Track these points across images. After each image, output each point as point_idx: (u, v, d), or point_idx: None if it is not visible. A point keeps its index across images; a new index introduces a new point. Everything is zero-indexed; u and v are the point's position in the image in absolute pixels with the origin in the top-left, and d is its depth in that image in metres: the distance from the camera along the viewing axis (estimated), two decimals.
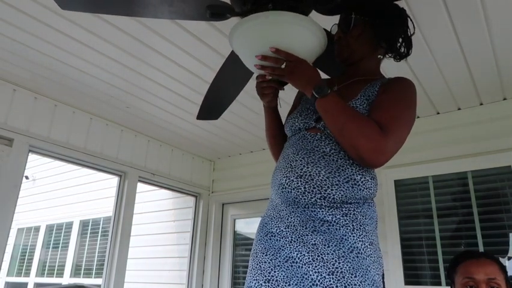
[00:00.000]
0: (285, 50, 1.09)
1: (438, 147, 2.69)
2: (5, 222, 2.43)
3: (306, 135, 1.16)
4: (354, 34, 1.22)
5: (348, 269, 0.98)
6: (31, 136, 2.61)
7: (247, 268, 4.07)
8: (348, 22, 1.22)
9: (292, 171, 1.10)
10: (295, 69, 1.10)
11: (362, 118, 1.06)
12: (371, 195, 1.11)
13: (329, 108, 1.07)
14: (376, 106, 1.12)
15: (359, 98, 1.15)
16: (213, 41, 2.08)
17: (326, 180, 1.06)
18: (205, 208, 3.92)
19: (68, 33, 2.03)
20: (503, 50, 2.06)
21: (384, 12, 1.22)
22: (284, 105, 1.50)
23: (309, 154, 1.11)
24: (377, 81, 1.19)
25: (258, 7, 1.17)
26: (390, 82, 1.18)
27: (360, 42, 1.22)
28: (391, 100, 1.11)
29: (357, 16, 1.21)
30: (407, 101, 1.14)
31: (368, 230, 1.06)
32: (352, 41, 1.22)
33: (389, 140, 1.03)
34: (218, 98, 1.70)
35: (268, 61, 1.10)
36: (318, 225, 1.04)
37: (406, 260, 2.65)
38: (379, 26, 1.20)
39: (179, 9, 1.22)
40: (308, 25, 1.10)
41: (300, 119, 1.20)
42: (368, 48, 1.23)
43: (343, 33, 1.24)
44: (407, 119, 1.11)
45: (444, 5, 1.74)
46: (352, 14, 1.21)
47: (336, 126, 1.06)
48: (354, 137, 1.03)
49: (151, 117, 3.04)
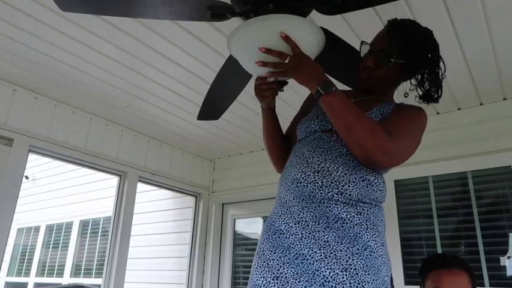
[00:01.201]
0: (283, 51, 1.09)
1: (438, 147, 2.69)
2: (5, 222, 2.42)
3: (322, 135, 1.17)
4: (388, 74, 1.21)
5: (362, 266, 0.98)
6: (31, 136, 2.61)
7: (247, 268, 4.04)
8: (387, 62, 1.18)
9: (309, 167, 1.10)
10: (298, 64, 1.09)
11: (371, 119, 1.08)
12: (382, 198, 1.13)
13: (335, 104, 1.07)
14: (387, 120, 1.14)
15: (374, 112, 1.17)
16: (213, 41, 2.08)
17: (343, 176, 1.07)
18: (205, 208, 3.92)
19: (68, 33, 2.03)
20: (503, 50, 2.06)
21: (423, 56, 1.20)
22: (284, 105, 1.50)
23: (327, 152, 1.12)
24: (393, 103, 1.23)
25: (259, 7, 1.17)
26: (405, 106, 1.21)
27: (390, 80, 1.24)
28: (402, 118, 1.14)
29: (397, 60, 1.17)
30: (416, 123, 1.16)
31: (380, 231, 1.07)
32: (383, 77, 1.21)
33: (395, 144, 1.04)
34: (218, 99, 1.70)
35: (272, 55, 1.09)
36: (331, 221, 1.04)
37: (406, 260, 2.65)
38: (415, 71, 1.20)
39: (179, 10, 1.22)
40: (307, 26, 1.10)
41: (316, 122, 1.20)
42: (394, 84, 1.26)
43: (375, 66, 1.20)
44: (414, 137, 1.14)
45: (444, 5, 1.74)
46: (393, 57, 1.17)
47: (344, 123, 1.06)
48: (363, 135, 1.03)
49: (151, 117, 3.04)
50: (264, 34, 1.09)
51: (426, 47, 1.21)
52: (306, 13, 1.27)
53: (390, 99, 1.28)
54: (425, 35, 1.21)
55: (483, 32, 1.91)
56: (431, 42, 1.22)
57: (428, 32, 1.22)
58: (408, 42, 1.18)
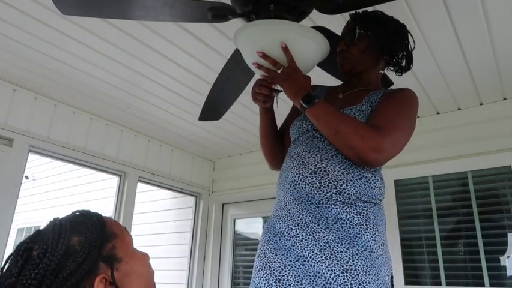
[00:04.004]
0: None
1: (438, 147, 2.69)
2: (5, 222, 2.42)
3: (316, 134, 1.18)
4: (358, 47, 1.24)
5: (362, 267, 0.99)
6: (31, 136, 2.61)
7: (247, 268, 4.03)
8: (353, 36, 1.25)
9: (306, 168, 1.11)
10: (288, 77, 1.13)
11: (355, 120, 1.10)
12: (381, 195, 1.13)
13: (320, 114, 1.09)
14: (376, 111, 1.14)
15: (364, 104, 1.18)
16: (214, 42, 2.08)
17: (341, 175, 1.07)
18: (205, 208, 3.92)
19: (68, 33, 2.02)
20: (503, 50, 2.06)
21: (387, 27, 1.25)
22: (284, 105, 1.51)
23: (322, 152, 1.12)
24: (380, 90, 1.23)
25: (260, 8, 1.17)
26: (393, 91, 1.21)
27: (364, 55, 1.25)
28: (391, 106, 1.14)
29: (362, 31, 1.24)
30: (407, 109, 1.16)
31: (380, 231, 1.07)
32: (356, 53, 1.25)
33: (384, 139, 1.04)
34: (220, 99, 1.70)
35: (267, 61, 1.13)
36: (331, 222, 1.04)
37: (406, 260, 2.65)
38: (383, 40, 1.24)
39: (181, 12, 1.22)
40: (316, 37, 1.14)
41: (308, 121, 1.21)
42: (370, 61, 1.27)
43: (346, 46, 1.26)
44: (405, 125, 1.13)
45: (444, 5, 1.74)
46: (357, 29, 1.24)
47: (330, 130, 1.08)
48: (350, 137, 1.04)
49: (151, 117, 3.04)
50: (268, 37, 1.12)
51: (388, 20, 1.28)
52: (307, 12, 1.28)
53: (377, 86, 1.29)
54: (385, 14, 1.30)
55: (483, 32, 1.91)
56: (392, 18, 1.29)
57: (387, 15, 1.30)
58: (368, 16, 1.28)
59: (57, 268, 0.68)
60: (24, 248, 0.70)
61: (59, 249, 0.69)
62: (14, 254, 0.71)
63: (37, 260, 0.68)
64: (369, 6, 1.36)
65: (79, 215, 0.79)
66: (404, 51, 1.28)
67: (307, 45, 1.14)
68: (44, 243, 0.70)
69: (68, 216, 0.78)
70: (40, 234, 0.74)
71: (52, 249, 0.69)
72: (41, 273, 0.66)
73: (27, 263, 0.68)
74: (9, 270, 0.68)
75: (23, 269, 0.67)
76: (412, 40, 1.29)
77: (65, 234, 0.71)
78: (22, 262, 0.68)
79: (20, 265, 0.68)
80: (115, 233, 0.78)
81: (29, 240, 0.72)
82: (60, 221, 0.75)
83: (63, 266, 0.68)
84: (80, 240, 0.72)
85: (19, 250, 0.71)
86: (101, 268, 0.71)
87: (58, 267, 0.68)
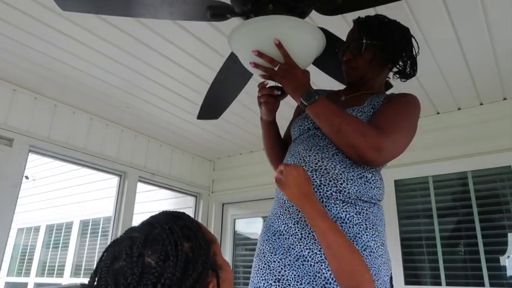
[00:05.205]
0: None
1: (438, 147, 2.68)
2: (5, 222, 2.42)
3: (317, 133, 1.18)
4: (365, 58, 1.23)
5: None
6: (31, 136, 2.61)
7: (247, 268, 4.03)
8: (360, 46, 1.23)
9: (307, 166, 1.10)
10: (286, 74, 1.12)
11: (357, 119, 1.09)
12: (380, 196, 1.13)
13: (321, 112, 1.09)
14: (378, 113, 1.14)
15: (366, 106, 1.17)
16: (213, 41, 2.08)
17: (341, 174, 1.07)
18: (205, 208, 3.92)
19: (68, 33, 2.03)
20: (503, 50, 2.06)
21: (392, 34, 1.24)
22: (284, 106, 1.50)
23: (323, 150, 1.12)
24: (383, 94, 1.23)
25: (259, 7, 1.17)
26: (396, 95, 1.21)
27: (370, 65, 1.24)
28: (393, 108, 1.14)
29: (368, 41, 1.22)
30: (409, 112, 1.17)
31: (379, 231, 1.07)
32: (363, 64, 1.24)
33: (385, 139, 1.04)
34: (218, 98, 1.70)
35: (263, 59, 1.12)
36: None
37: (406, 260, 2.65)
38: (388, 49, 1.23)
39: (179, 10, 1.22)
40: (309, 29, 1.12)
41: (309, 119, 1.21)
42: (376, 70, 1.26)
43: (353, 56, 1.25)
44: (406, 127, 1.13)
45: (444, 5, 1.74)
46: (363, 39, 1.22)
47: (332, 128, 1.07)
48: (352, 136, 1.04)
49: (151, 117, 3.04)
50: (262, 36, 1.10)
51: (392, 26, 1.26)
52: (306, 13, 1.28)
53: (380, 90, 1.29)
54: (389, 19, 1.28)
55: (483, 32, 1.91)
56: (396, 23, 1.28)
57: (391, 19, 1.29)
58: (374, 24, 1.25)
59: (181, 277, 0.62)
60: (139, 254, 0.62)
61: (180, 257, 0.63)
62: (126, 260, 0.62)
63: (158, 268, 0.61)
64: (369, 7, 1.36)
65: (176, 216, 0.71)
66: (409, 60, 1.27)
67: (302, 38, 1.12)
68: (160, 249, 0.63)
69: (166, 217, 0.70)
70: (147, 238, 0.65)
71: (173, 257, 0.62)
72: (167, 283, 0.60)
73: (145, 271, 0.61)
74: (124, 277, 0.60)
75: (142, 278, 0.60)
76: (416, 44, 1.28)
77: (180, 240, 0.65)
78: (140, 269, 0.61)
79: (137, 273, 0.60)
80: (212, 239, 0.73)
81: (140, 245, 0.64)
82: (165, 225, 0.67)
83: (185, 275, 0.62)
84: (191, 246, 0.66)
85: (131, 256, 0.62)
86: (209, 276, 0.66)
87: (181, 277, 0.62)
